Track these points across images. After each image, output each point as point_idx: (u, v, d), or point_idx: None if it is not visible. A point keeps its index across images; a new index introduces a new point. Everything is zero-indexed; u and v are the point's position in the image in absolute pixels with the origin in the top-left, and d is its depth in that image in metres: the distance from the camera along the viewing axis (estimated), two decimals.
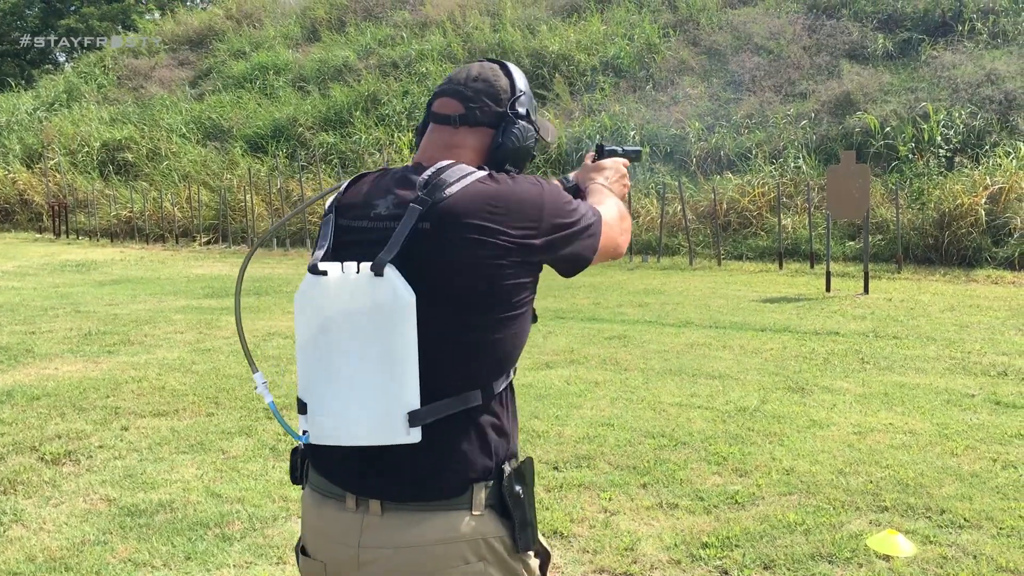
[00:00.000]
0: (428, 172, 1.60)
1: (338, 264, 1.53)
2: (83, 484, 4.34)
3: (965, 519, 3.81)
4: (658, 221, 14.13)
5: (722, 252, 13.39)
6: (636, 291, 10.79)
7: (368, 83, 20.86)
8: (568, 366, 6.86)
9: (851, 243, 12.81)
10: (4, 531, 3.79)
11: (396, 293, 1.49)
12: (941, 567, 3.40)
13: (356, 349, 1.51)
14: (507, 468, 1.59)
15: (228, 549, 3.60)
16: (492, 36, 21.48)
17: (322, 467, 1.63)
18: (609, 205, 1.84)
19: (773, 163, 14.84)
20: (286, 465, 4.58)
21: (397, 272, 1.50)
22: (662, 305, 9.71)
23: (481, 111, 1.71)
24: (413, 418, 1.49)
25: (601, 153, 2.10)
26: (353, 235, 1.62)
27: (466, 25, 22.53)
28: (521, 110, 1.73)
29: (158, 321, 9.07)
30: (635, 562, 3.49)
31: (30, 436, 5.11)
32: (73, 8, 44.38)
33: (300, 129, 19.93)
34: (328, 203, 1.71)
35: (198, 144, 21.02)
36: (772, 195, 13.89)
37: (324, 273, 1.53)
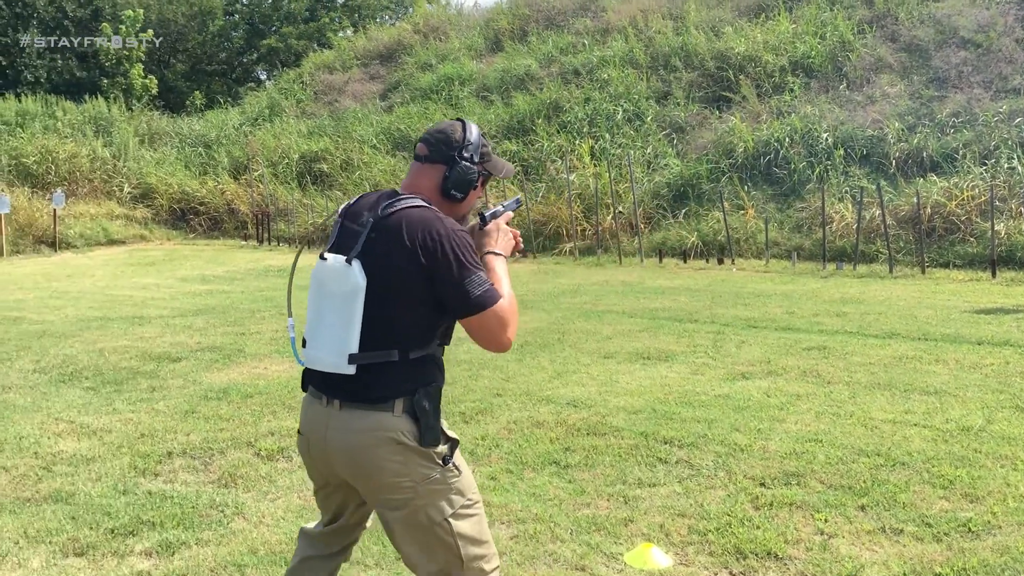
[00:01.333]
0: (388, 200, 2.37)
1: (333, 255, 2.34)
2: (296, 480, 4.52)
3: None
4: (853, 227, 13.44)
5: (926, 259, 12.57)
6: (832, 300, 10.28)
7: (550, 91, 21.02)
8: (766, 377, 6.59)
9: None
10: (228, 523, 3.98)
11: (355, 278, 2.29)
12: None
13: (331, 310, 2.32)
14: (419, 390, 2.31)
15: None
16: (675, 40, 21.17)
17: (312, 380, 2.44)
18: (509, 299, 2.38)
19: (984, 164, 13.81)
20: (486, 469, 4.61)
21: (359, 264, 2.30)
22: (862, 315, 9.19)
23: (438, 153, 2.44)
24: (351, 358, 2.29)
25: (484, 220, 2.57)
26: (348, 233, 2.39)
27: (648, 30, 22.32)
28: (466, 154, 2.44)
29: None
30: None
31: (246, 432, 5.38)
32: (273, 28, 47.24)
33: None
34: (340, 210, 2.52)
35: (387, 154, 21.83)
36: (983, 198, 12.92)
37: (325, 259, 2.35)
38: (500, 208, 2.63)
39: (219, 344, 8.37)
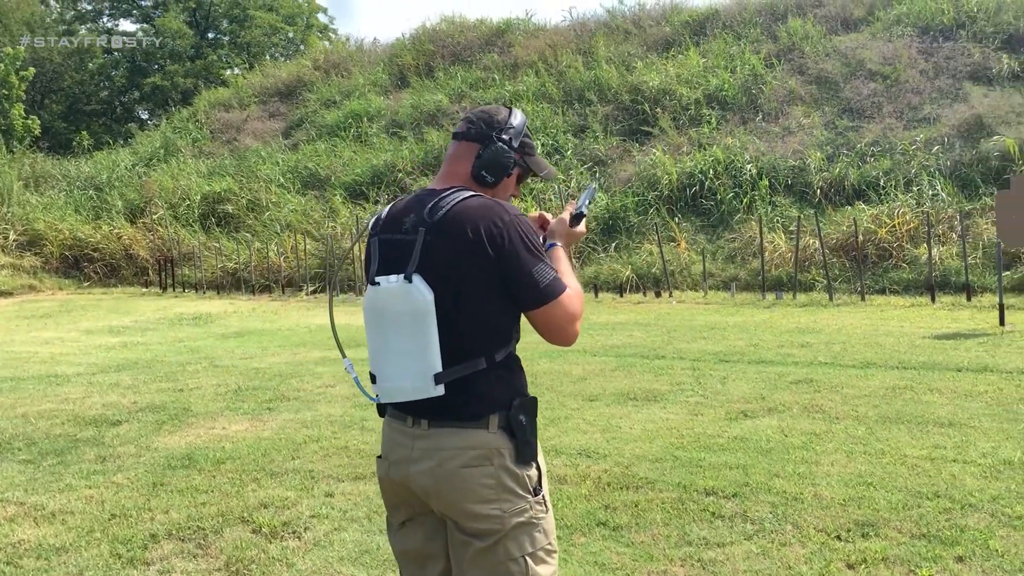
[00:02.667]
0: (433, 200, 2.14)
1: (386, 276, 2.11)
2: (319, 562, 3.93)
3: None
4: (787, 256, 13.51)
5: (863, 287, 12.70)
6: (789, 330, 10.18)
7: None
8: (769, 415, 6.31)
9: (1006, 273, 12.02)
10: None
11: (421, 295, 2.06)
12: None
13: (400, 334, 2.09)
14: (515, 403, 2.11)
15: None
16: (587, 74, 21.21)
17: (392, 403, 2.20)
18: (576, 291, 2.18)
19: (908, 192, 14.13)
20: None
21: (421, 279, 2.07)
22: (828, 345, 9.09)
23: (475, 131, 2.25)
24: (437, 378, 2.07)
25: (577, 219, 2.40)
26: (391, 247, 2.17)
27: (558, 64, 22.33)
28: (505, 137, 2.24)
29: (303, 375, 8.76)
30: None
31: (233, 505, 4.73)
32: (157, 67, 45.62)
33: (400, 174, 19.82)
34: (369, 227, 2.29)
35: (297, 193, 21.05)
36: (912, 225, 13.18)
37: (378, 284, 2.12)
38: (584, 207, 2.45)
39: (159, 403, 7.59)
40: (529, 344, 8.83)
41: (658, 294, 13.95)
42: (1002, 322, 9.59)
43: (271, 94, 28.14)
